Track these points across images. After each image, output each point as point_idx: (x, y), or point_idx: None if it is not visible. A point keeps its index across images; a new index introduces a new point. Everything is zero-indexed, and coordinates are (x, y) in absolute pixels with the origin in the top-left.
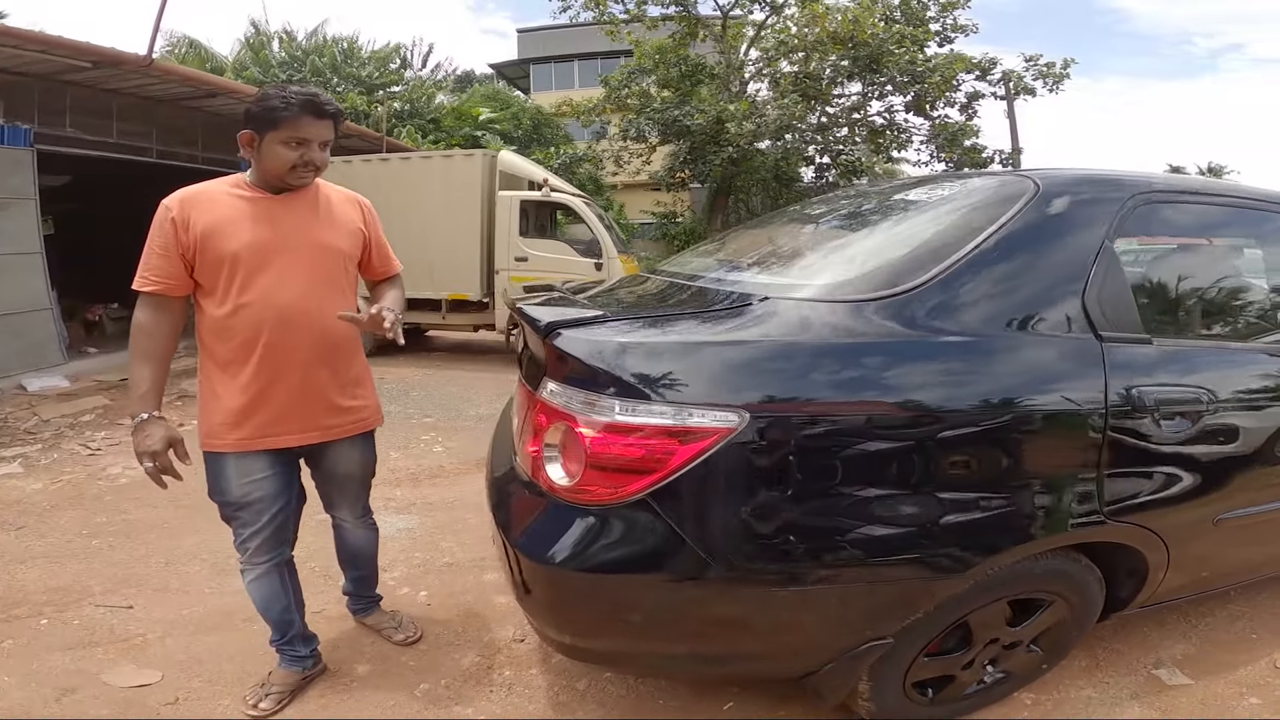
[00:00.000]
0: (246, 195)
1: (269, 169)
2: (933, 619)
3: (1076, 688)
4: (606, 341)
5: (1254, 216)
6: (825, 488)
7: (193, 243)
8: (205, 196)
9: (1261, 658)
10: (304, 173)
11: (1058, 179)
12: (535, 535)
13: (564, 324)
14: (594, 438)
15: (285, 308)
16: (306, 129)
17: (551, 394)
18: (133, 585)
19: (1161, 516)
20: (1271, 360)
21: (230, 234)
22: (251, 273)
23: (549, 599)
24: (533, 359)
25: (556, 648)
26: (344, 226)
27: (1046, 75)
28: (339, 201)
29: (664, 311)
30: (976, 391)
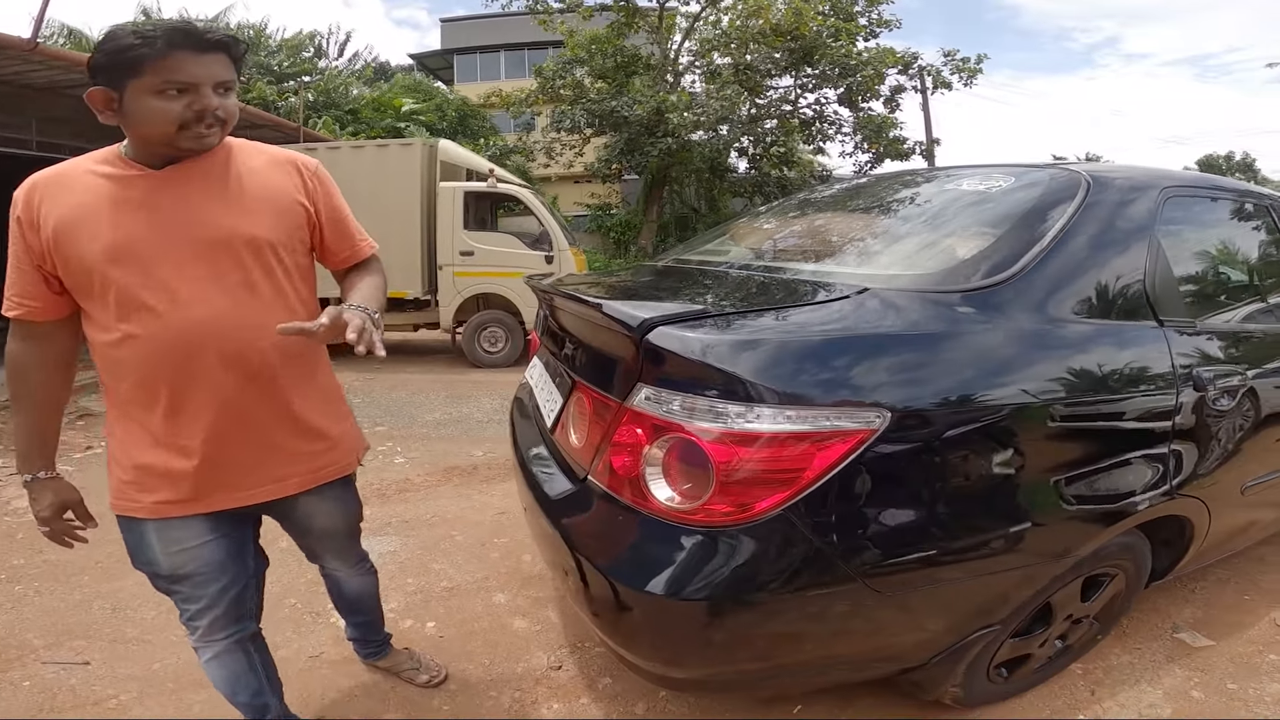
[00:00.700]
0: (115, 173)
1: (148, 134)
2: (1030, 602)
3: (1115, 655)
4: (724, 339)
5: (1246, 202)
6: (963, 483)
7: (45, 248)
8: (59, 181)
9: (1262, 618)
10: (201, 130)
11: (1102, 175)
12: (646, 565)
13: (663, 320)
14: (720, 450)
15: (186, 332)
16: (186, 68)
17: (652, 401)
18: (80, 637)
19: (1209, 487)
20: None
21: (90, 232)
22: (130, 287)
23: (668, 633)
24: (593, 358)
25: (660, 681)
26: (269, 202)
27: (962, 70)
28: (263, 167)
29: (766, 305)
30: (1081, 379)
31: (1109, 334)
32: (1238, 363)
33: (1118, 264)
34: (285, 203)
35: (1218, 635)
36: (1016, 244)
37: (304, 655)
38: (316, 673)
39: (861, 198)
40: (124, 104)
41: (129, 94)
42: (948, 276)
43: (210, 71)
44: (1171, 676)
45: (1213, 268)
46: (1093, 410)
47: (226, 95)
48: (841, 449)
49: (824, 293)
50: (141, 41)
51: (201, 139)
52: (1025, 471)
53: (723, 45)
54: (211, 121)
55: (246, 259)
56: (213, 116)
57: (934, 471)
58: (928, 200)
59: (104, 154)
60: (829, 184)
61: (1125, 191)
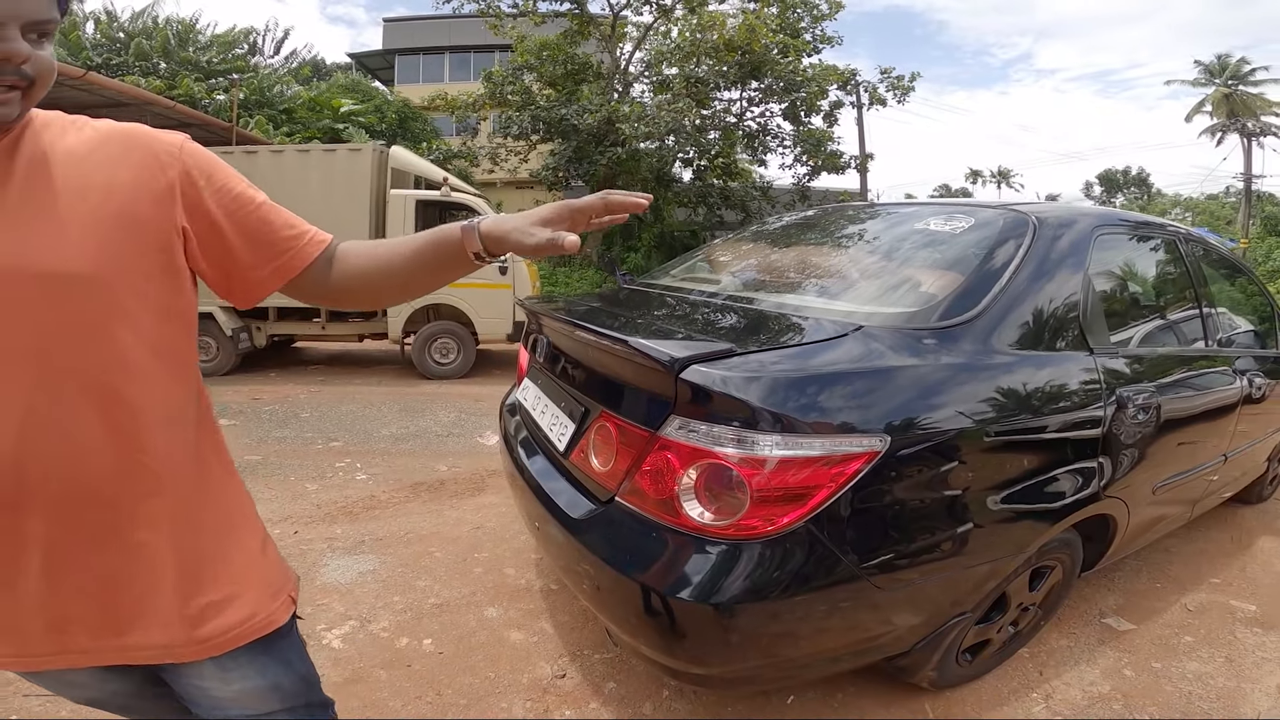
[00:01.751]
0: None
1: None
2: (993, 592)
3: (1055, 640)
4: (750, 376)
5: (1157, 237)
6: (947, 493)
7: None
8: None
9: (1174, 603)
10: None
11: (1045, 215)
12: (684, 575)
13: (698, 359)
14: (754, 474)
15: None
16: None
17: (685, 430)
18: None
19: (1129, 488)
20: (1182, 357)
21: None
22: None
23: (706, 635)
24: (618, 389)
25: (692, 680)
26: (100, 210)
27: (896, 87)
28: (89, 151)
29: (781, 343)
30: (1041, 398)
31: (1053, 361)
32: (1151, 381)
33: (1060, 299)
34: (131, 210)
35: (1138, 620)
36: (979, 285)
37: None
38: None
39: (831, 231)
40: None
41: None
42: (924, 315)
43: (18, 5)
44: (1105, 658)
45: (1133, 297)
46: (1042, 427)
47: (41, 45)
48: (850, 469)
49: (825, 330)
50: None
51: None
52: (995, 480)
53: (674, 57)
54: (12, 80)
55: (47, 313)
56: (14, 72)
57: (924, 484)
58: (903, 238)
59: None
60: (811, 211)
61: (1064, 232)
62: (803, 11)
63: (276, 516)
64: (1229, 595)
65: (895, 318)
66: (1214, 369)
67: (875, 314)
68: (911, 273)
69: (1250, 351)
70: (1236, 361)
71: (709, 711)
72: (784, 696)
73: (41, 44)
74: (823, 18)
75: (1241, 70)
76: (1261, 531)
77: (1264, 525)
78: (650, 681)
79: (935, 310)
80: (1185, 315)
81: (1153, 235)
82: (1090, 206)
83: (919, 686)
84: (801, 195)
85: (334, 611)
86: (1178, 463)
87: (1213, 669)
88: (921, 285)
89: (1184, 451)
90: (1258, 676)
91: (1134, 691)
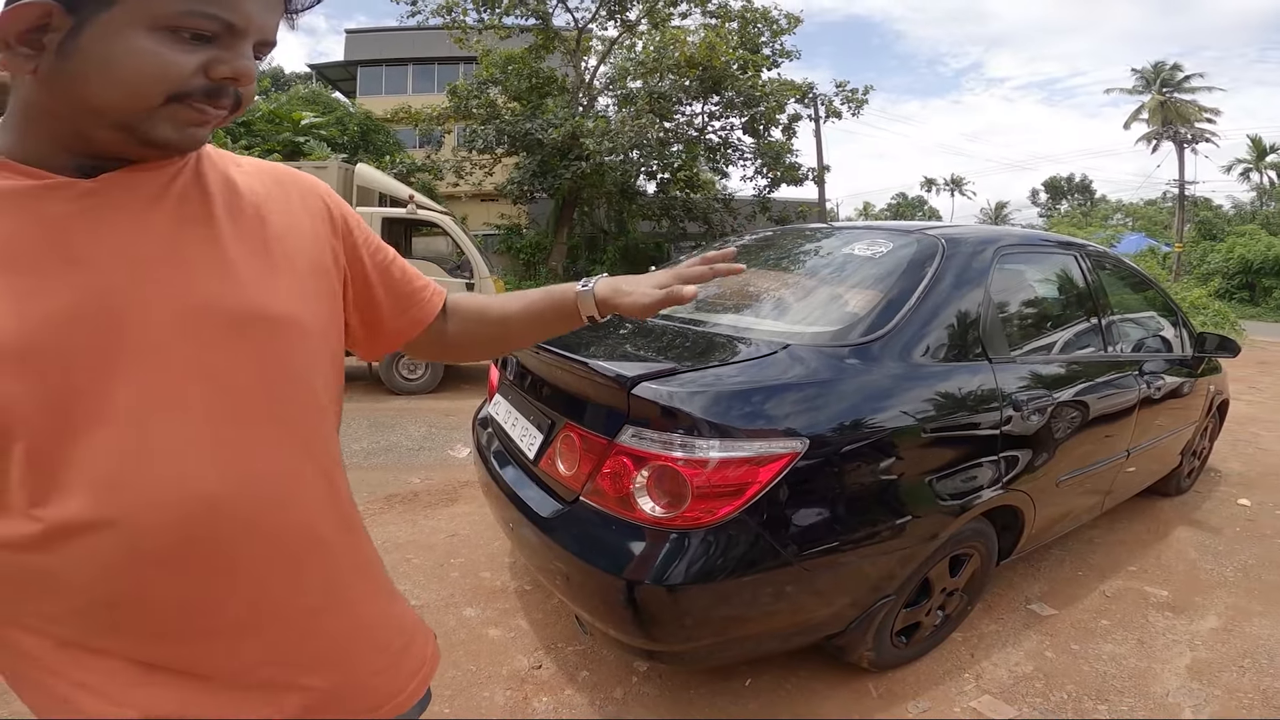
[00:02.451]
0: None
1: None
2: (914, 576)
3: (984, 625)
4: (691, 391)
5: (1058, 255)
6: (858, 487)
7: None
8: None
9: (1093, 590)
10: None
11: (954, 236)
12: (643, 563)
13: (646, 377)
14: (696, 473)
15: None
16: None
17: (637, 438)
18: None
19: (1032, 482)
20: (1078, 363)
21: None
22: (54, 428)
23: (663, 615)
24: (580, 404)
25: (656, 658)
26: (297, 255)
27: (851, 100)
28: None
29: (718, 361)
30: (942, 404)
31: (955, 371)
32: (1045, 385)
33: (962, 315)
34: (317, 257)
35: (1060, 605)
36: (890, 306)
37: None
38: None
39: (777, 253)
40: (78, 36)
41: (103, 20)
42: (844, 333)
43: (264, 17)
44: (1029, 641)
45: (1032, 310)
46: (946, 429)
47: (264, 57)
48: (776, 467)
49: (757, 349)
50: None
51: (196, 129)
52: (904, 476)
53: (637, 71)
54: (228, 102)
55: (271, 360)
56: (232, 95)
57: (840, 479)
58: (827, 262)
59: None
60: (753, 234)
61: (969, 253)
62: (763, 26)
63: None
64: (1144, 582)
65: (819, 336)
66: (1109, 373)
67: (802, 333)
68: (836, 293)
69: (1152, 355)
70: (1135, 365)
71: (674, 695)
72: (742, 679)
73: (265, 54)
74: (782, 32)
75: (1176, 78)
76: (1179, 522)
77: (1181, 516)
78: (620, 669)
79: (854, 328)
80: (1083, 324)
81: (1053, 253)
82: (997, 229)
83: (863, 668)
84: (762, 207)
85: None
86: (1078, 459)
87: (1126, 650)
88: (844, 305)
89: (1083, 449)
90: (1167, 657)
91: (1054, 671)
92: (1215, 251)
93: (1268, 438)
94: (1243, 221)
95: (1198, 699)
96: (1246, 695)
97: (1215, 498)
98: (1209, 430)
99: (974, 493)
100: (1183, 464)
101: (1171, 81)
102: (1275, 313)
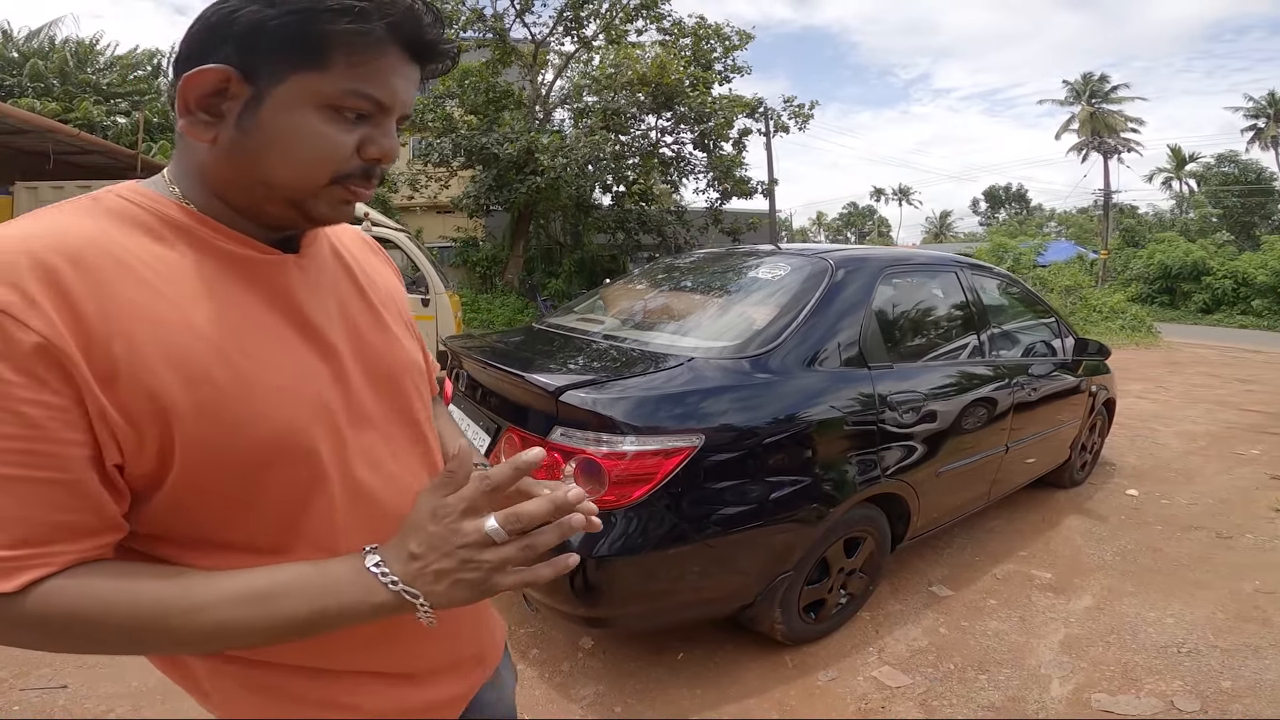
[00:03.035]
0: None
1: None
2: (809, 555)
3: (890, 605)
4: (612, 398)
5: (939, 272)
6: (751, 474)
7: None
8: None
9: (986, 573)
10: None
11: (842, 259)
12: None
13: (570, 387)
14: (612, 465)
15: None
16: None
17: (564, 436)
18: (43, 665)
19: (913, 474)
20: (955, 368)
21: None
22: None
23: (597, 585)
24: (519, 409)
25: (595, 624)
26: (403, 313)
27: (798, 115)
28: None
29: (637, 372)
30: (822, 405)
31: (836, 377)
32: (920, 389)
33: (844, 329)
34: (407, 311)
35: (957, 587)
36: (780, 322)
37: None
38: None
39: (697, 276)
40: (257, 110)
41: (278, 95)
42: (743, 346)
43: (408, 93)
44: (927, 619)
45: (911, 322)
46: (827, 427)
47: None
48: (678, 459)
49: (666, 361)
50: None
51: (347, 204)
52: (790, 467)
53: (593, 87)
54: (375, 182)
55: (420, 409)
56: (378, 173)
57: (733, 469)
58: (734, 284)
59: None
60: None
61: (854, 274)
62: (715, 42)
63: None
64: (1032, 565)
65: (723, 350)
66: (984, 375)
67: (709, 347)
68: (741, 311)
69: (1028, 359)
70: (1011, 368)
71: (616, 668)
72: (675, 654)
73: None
74: (734, 48)
75: (1104, 89)
76: (1071, 511)
77: (1074, 506)
78: (566, 646)
79: (752, 342)
80: (960, 332)
81: (936, 271)
82: (885, 251)
83: (779, 642)
84: (714, 219)
85: None
86: (957, 453)
87: (1009, 627)
88: (746, 322)
89: (961, 444)
90: (1044, 633)
91: (945, 645)
92: (1138, 258)
93: (1165, 433)
94: (1164, 229)
95: (1065, 670)
96: (1109, 668)
97: (1107, 489)
98: (1098, 426)
99: (853, 482)
100: (1073, 457)
101: (1100, 92)
102: (1194, 315)
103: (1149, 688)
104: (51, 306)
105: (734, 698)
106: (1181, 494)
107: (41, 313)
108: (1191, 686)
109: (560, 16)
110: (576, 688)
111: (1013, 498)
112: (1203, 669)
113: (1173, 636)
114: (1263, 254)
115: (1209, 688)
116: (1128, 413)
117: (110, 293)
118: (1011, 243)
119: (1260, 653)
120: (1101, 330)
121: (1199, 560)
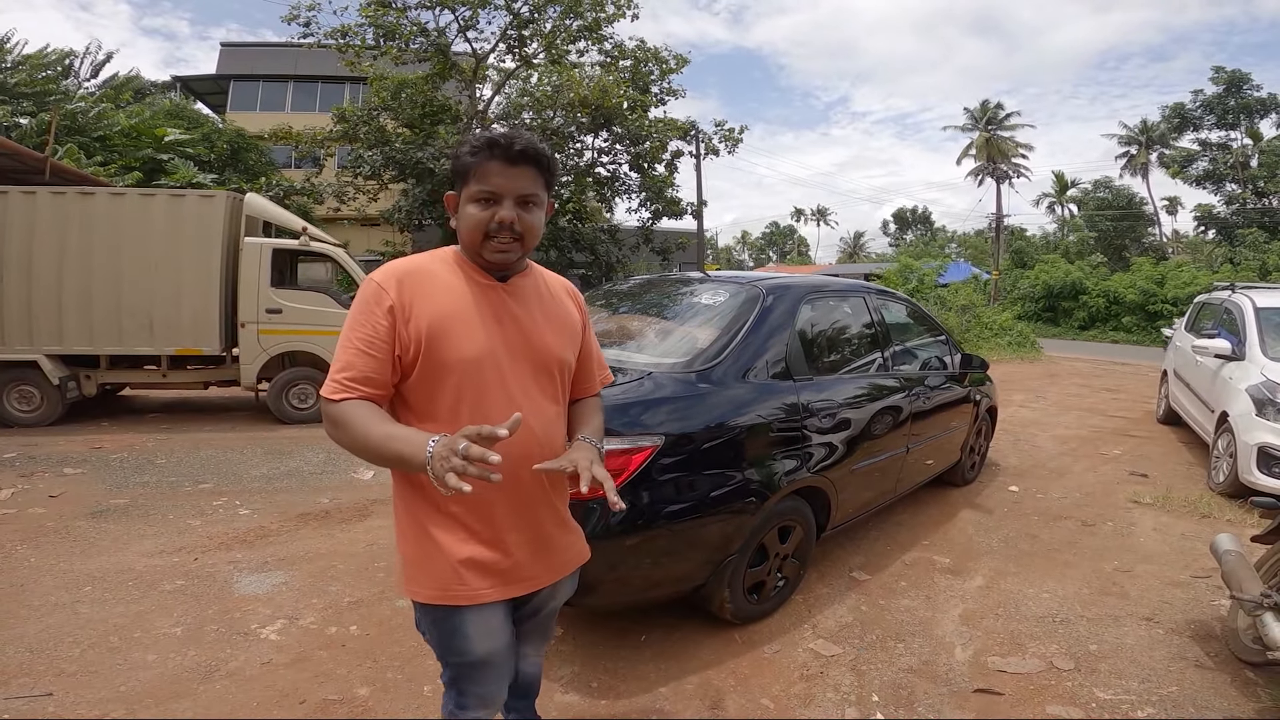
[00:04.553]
0: (474, 281)
1: (466, 240)
2: (750, 540)
3: (819, 588)
4: None
5: (850, 297)
6: (701, 470)
7: (413, 339)
8: (425, 278)
9: (897, 559)
10: (501, 244)
11: (771, 286)
12: None
13: None
14: None
15: (519, 443)
16: (493, 178)
17: None
18: (22, 675)
19: (832, 471)
20: (864, 380)
21: (461, 336)
22: (482, 391)
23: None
24: None
25: (568, 603)
26: (568, 327)
27: (728, 138)
28: (558, 291)
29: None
30: (754, 412)
31: (768, 388)
32: (833, 397)
33: (772, 347)
34: (573, 329)
35: (873, 572)
36: (721, 340)
37: (256, 663)
38: (277, 673)
39: (650, 299)
40: (460, 207)
41: (461, 199)
42: (691, 362)
43: (515, 184)
44: (850, 599)
45: (827, 340)
46: (761, 429)
47: (529, 210)
48: (643, 456)
49: (631, 375)
50: (469, 150)
51: (499, 252)
52: (733, 463)
53: (532, 105)
54: (509, 235)
55: (556, 379)
56: (509, 231)
57: (689, 465)
58: (683, 307)
59: (445, 255)
60: (615, 285)
61: (781, 300)
62: (653, 65)
63: (169, 548)
64: (933, 552)
65: (675, 365)
66: (887, 386)
67: (662, 363)
68: (688, 332)
69: (924, 372)
70: (909, 379)
71: (586, 650)
72: (638, 636)
73: (530, 210)
74: (670, 71)
75: (999, 115)
76: (963, 505)
77: (966, 501)
78: None
79: (698, 358)
80: (867, 349)
81: (848, 296)
82: (809, 278)
83: (727, 620)
84: (645, 237)
85: (261, 614)
86: (867, 453)
87: (917, 604)
88: (692, 341)
89: (870, 445)
90: (947, 608)
91: (867, 620)
92: (1025, 278)
93: (1042, 437)
94: (1049, 250)
95: (965, 639)
96: (999, 635)
97: (993, 486)
98: (983, 431)
99: (783, 476)
100: (963, 458)
101: (996, 119)
102: (1073, 331)
103: (1033, 651)
104: (395, 291)
105: (694, 670)
106: (1054, 489)
107: (391, 293)
108: (1066, 649)
109: (504, 34)
110: (554, 669)
111: (915, 495)
112: (1074, 635)
113: (1049, 609)
114: (1131, 274)
115: (1080, 650)
116: (1011, 420)
117: (418, 290)
118: (916, 264)
119: (1120, 621)
120: (991, 346)
121: (1068, 545)
